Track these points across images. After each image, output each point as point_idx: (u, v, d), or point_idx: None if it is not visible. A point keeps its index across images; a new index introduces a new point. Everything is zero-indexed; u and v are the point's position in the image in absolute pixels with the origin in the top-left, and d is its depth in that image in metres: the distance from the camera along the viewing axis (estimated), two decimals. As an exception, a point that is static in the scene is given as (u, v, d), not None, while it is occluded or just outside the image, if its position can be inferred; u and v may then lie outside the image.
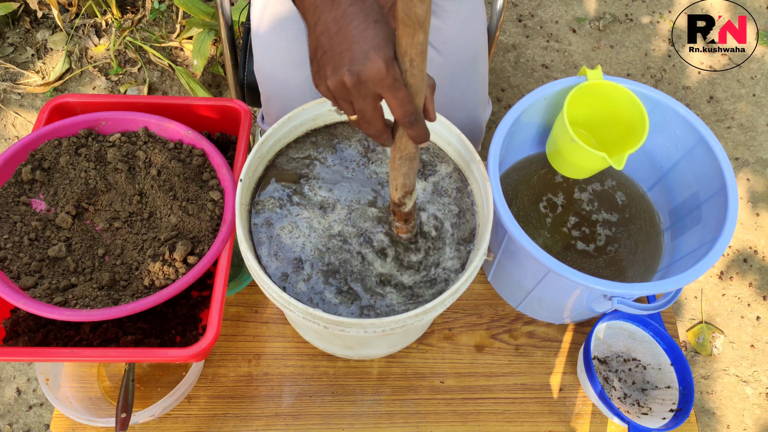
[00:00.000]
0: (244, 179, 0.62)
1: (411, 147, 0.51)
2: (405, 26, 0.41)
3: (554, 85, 0.75)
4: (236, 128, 0.74)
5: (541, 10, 1.91)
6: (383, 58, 0.44)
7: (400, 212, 0.58)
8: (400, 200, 0.56)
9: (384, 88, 0.45)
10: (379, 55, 0.44)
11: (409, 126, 0.47)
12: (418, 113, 0.47)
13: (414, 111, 0.46)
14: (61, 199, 0.65)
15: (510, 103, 1.71)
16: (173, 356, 0.58)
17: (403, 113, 0.46)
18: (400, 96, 0.45)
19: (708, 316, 1.45)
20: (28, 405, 1.28)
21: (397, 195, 0.56)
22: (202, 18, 1.57)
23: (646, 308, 0.68)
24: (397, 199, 0.56)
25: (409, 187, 0.55)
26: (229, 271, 0.63)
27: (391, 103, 0.46)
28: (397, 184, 0.55)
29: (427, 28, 0.41)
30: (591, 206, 0.82)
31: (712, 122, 1.73)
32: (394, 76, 0.44)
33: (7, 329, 0.63)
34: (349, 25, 0.45)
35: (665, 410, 0.71)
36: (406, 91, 0.45)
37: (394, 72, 0.44)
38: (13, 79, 1.68)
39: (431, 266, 0.62)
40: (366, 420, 0.75)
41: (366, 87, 0.45)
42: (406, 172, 0.53)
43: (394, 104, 0.46)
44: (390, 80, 0.44)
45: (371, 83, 0.45)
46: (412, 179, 0.55)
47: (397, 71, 0.44)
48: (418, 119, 0.47)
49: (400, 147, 0.51)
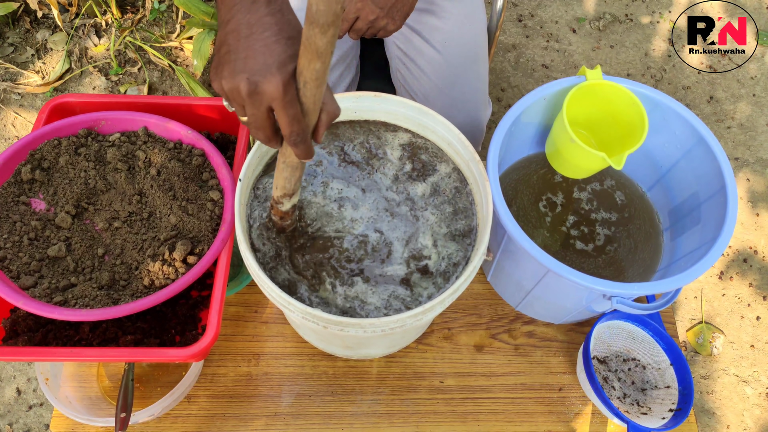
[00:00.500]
0: (244, 179, 0.62)
1: (294, 158, 0.53)
2: (305, 50, 0.42)
3: (554, 85, 0.75)
4: (236, 128, 0.74)
5: (541, 10, 1.91)
6: (283, 76, 0.45)
7: (277, 209, 0.60)
8: (278, 199, 0.59)
9: (277, 104, 0.46)
10: (281, 71, 0.45)
11: (294, 144, 0.49)
12: (305, 133, 0.48)
13: (300, 131, 0.47)
14: (61, 199, 0.65)
15: (510, 103, 1.71)
16: (173, 356, 0.58)
17: (290, 132, 0.47)
18: (291, 114, 0.46)
19: (708, 316, 1.45)
20: (28, 405, 1.29)
21: (277, 193, 0.58)
22: (202, 18, 1.57)
23: (645, 308, 0.68)
24: (276, 197, 0.59)
25: (288, 190, 0.57)
26: (228, 271, 0.63)
27: (281, 119, 0.47)
28: (277, 184, 0.57)
29: (326, 59, 0.43)
30: (590, 206, 0.82)
31: (712, 122, 1.73)
32: (290, 95, 0.45)
33: (7, 329, 0.63)
34: (261, 34, 0.46)
35: (665, 410, 0.71)
36: (297, 111, 0.46)
37: (290, 92, 0.45)
38: (13, 79, 1.68)
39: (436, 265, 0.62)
40: (366, 420, 0.75)
41: (260, 98, 0.46)
42: (287, 176, 0.55)
43: (284, 122, 0.47)
44: (286, 99, 0.45)
45: (266, 96, 0.46)
46: (292, 184, 0.57)
47: (294, 92, 0.45)
48: (304, 139, 0.48)
49: (285, 153, 0.53)
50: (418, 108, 0.68)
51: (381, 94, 0.68)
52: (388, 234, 0.64)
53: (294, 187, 0.57)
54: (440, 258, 0.63)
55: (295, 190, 0.58)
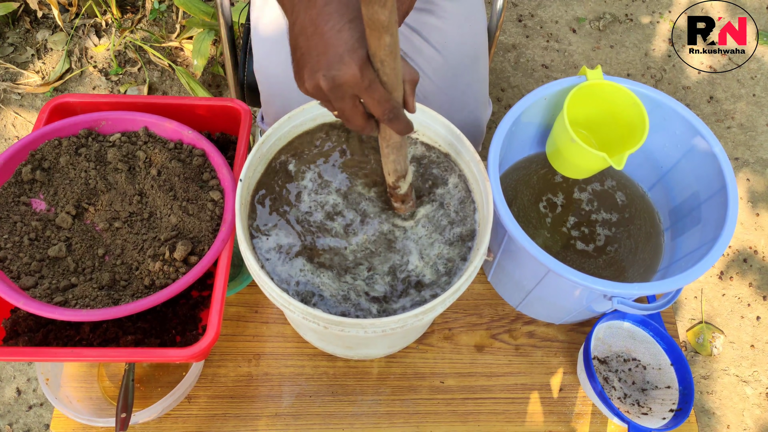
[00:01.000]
0: (244, 179, 0.62)
1: (396, 137, 0.52)
2: (371, 30, 0.42)
3: (554, 85, 0.75)
4: (236, 128, 0.74)
5: (541, 10, 1.91)
6: (357, 61, 0.44)
7: (396, 194, 0.60)
8: (394, 184, 0.59)
9: (360, 90, 0.46)
10: (353, 58, 0.44)
11: (389, 122, 0.48)
12: (397, 109, 0.48)
13: (391, 108, 0.47)
14: (61, 199, 0.65)
15: (510, 103, 1.71)
16: (173, 356, 0.58)
17: (382, 111, 0.47)
18: (377, 96, 0.46)
19: (708, 316, 1.45)
20: (28, 405, 1.29)
21: (391, 179, 0.58)
22: (202, 18, 1.57)
23: (646, 308, 0.68)
24: (392, 182, 0.59)
25: (400, 171, 0.57)
26: (229, 271, 0.63)
27: (369, 103, 0.47)
28: (388, 170, 0.57)
29: (393, 30, 0.42)
30: (591, 206, 0.82)
31: (712, 122, 1.73)
32: (369, 78, 0.45)
33: (7, 329, 0.63)
34: (324, 26, 0.46)
35: (665, 410, 0.71)
36: (382, 91, 0.46)
37: (368, 74, 0.45)
38: (13, 79, 1.68)
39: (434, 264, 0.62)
40: (366, 420, 0.75)
41: (342, 90, 0.46)
42: (395, 158, 0.55)
43: (372, 104, 0.47)
44: (365, 83, 0.45)
45: (347, 87, 0.46)
46: (402, 164, 0.56)
47: (372, 73, 0.45)
48: (398, 115, 0.48)
49: (385, 137, 0.53)
50: (417, 108, 0.68)
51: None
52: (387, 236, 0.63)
53: (405, 167, 0.57)
54: (440, 259, 0.63)
55: (407, 170, 0.58)
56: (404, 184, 0.59)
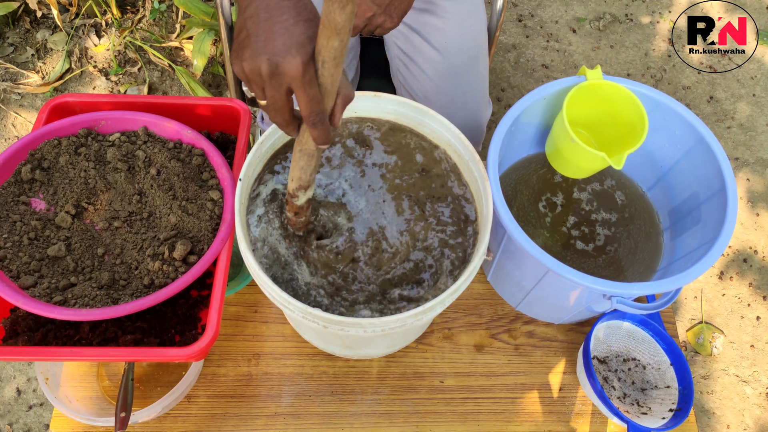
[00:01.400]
0: (244, 179, 0.62)
1: (312, 144, 0.52)
2: (324, 28, 0.43)
3: (554, 85, 0.75)
4: (236, 128, 0.74)
5: (541, 10, 1.91)
6: (303, 56, 0.45)
7: (292, 203, 0.59)
8: (294, 192, 0.58)
9: (297, 84, 0.46)
10: (300, 52, 0.45)
11: (312, 126, 0.49)
12: (324, 115, 0.48)
13: (319, 111, 0.48)
14: (61, 199, 0.65)
15: (510, 103, 1.71)
16: (172, 356, 0.58)
17: (309, 112, 0.48)
18: (311, 94, 0.47)
19: (708, 316, 1.45)
20: (28, 405, 1.29)
21: (292, 186, 0.57)
22: (202, 18, 1.57)
23: (645, 308, 0.68)
24: (291, 190, 0.58)
25: (303, 181, 0.56)
26: (228, 271, 0.63)
27: (301, 99, 0.47)
28: (293, 175, 0.56)
29: (344, 37, 0.43)
30: (590, 206, 0.82)
31: (712, 122, 1.73)
32: (309, 75, 0.46)
33: (7, 328, 0.63)
34: (279, 17, 0.47)
35: (665, 410, 0.71)
36: (316, 92, 0.47)
37: (309, 72, 0.46)
38: (13, 79, 1.68)
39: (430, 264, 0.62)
40: (366, 419, 0.75)
41: (280, 79, 0.47)
42: (303, 166, 0.55)
43: (303, 101, 0.47)
44: (305, 78, 0.46)
45: (286, 77, 0.46)
46: (308, 174, 0.56)
47: (313, 72, 0.46)
48: (323, 121, 0.49)
49: (302, 141, 0.53)
50: (418, 108, 0.68)
51: (381, 93, 0.68)
52: (388, 237, 0.63)
53: (309, 179, 0.56)
54: (440, 260, 0.63)
55: (311, 183, 0.57)
56: (303, 196, 0.58)
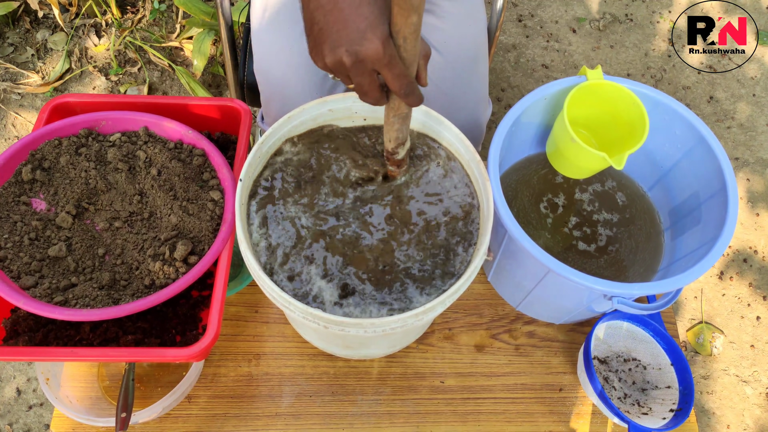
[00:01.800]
0: (244, 179, 0.62)
1: (404, 108, 0.55)
2: (400, 8, 0.44)
3: (554, 85, 0.75)
4: (236, 128, 0.74)
5: (541, 10, 1.91)
6: (380, 37, 0.45)
7: (393, 159, 0.63)
8: (393, 149, 0.61)
9: (381, 65, 0.47)
10: (375, 34, 0.45)
11: (405, 96, 0.50)
12: (413, 84, 0.50)
13: (408, 83, 0.49)
14: (62, 199, 0.65)
15: (510, 103, 1.71)
16: (173, 356, 0.58)
17: (399, 86, 0.49)
18: (397, 71, 0.47)
19: (708, 316, 1.45)
20: (28, 405, 1.28)
21: (391, 145, 0.61)
22: (202, 18, 1.57)
23: (646, 308, 0.68)
24: (391, 148, 0.61)
25: (401, 139, 0.60)
26: (229, 271, 0.63)
27: (388, 77, 0.48)
28: (390, 137, 0.59)
29: (421, 11, 0.44)
30: (592, 206, 0.82)
31: (712, 122, 1.73)
32: (390, 53, 0.46)
33: (7, 329, 0.63)
34: (342, 2, 0.46)
35: (665, 410, 0.71)
36: (401, 66, 0.48)
37: (390, 50, 0.46)
38: (13, 79, 1.68)
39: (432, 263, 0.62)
40: (366, 420, 0.75)
41: (363, 65, 0.47)
42: (399, 127, 0.58)
43: (391, 78, 0.48)
44: (387, 58, 0.46)
45: (369, 62, 0.47)
46: (404, 133, 0.59)
47: (392, 48, 0.46)
48: (413, 89, 0.50)
49: (393, 107, 0.55)
50: (417, 108, 0.68)
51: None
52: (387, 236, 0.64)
53: (406, 135, 0.60)
54: (440, 258, 0.63)
55: (407, 137, 0.61)
56: (402, 151, 0.62)
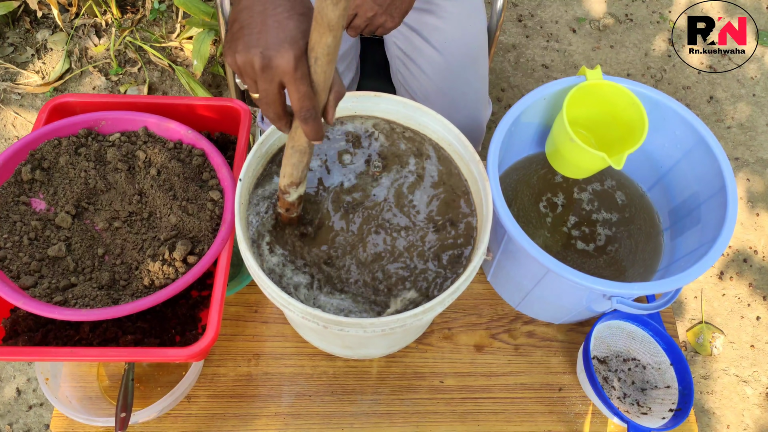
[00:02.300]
0: (244, 179, 0.62)
1: (303, 141, 0.53)
2: (317, 24, 0.43)
3: (554, 85, 0.75)
4: (236, 128, 0.74)
5: (541, 10, 1.91)
6: (295, 51, 0.45)
7: (284, 199, 0.59)
8: (285, 188, 0.58)
9: (288, 79, 0.46)
10: (293, 47, 0.45)
11: (304, 121, 0.49)
12: (316, 110, 0.49)
13: (311, 107, 0.48)
14: (61, 199, 0.65)
15: (510, 103, 1.71)
16: (173, 356, 0.58)
17: (300, 107, 0.48)
18: (302, 90, 0.47)
19: (708, 316, 1.45)
20: (28, 405, 1.29)
21: (284, 182, 0.57)
22: (202, 18, 1.57)
23: (645, 308, 0.68)
24: (283, 186, 0.58)
25: (295, 177, 0.56)
26: (228, 271, 0.63)
27: (292, 95, 0.47)
28: (285, 172, 0.56)
29: (337, 34, 0.43)
30: (591, 206, 0.82)
31: (712, 122, 1.73)
32: (301, 71, 0.46)
33: (7, 329, 0.63)
34: (273, 10, 0.47)
35: (665, 410, 0.71)
36: (308, 88, 0.47)
37: (302, 67, 0.46)
38: (13, 79, 1.68)
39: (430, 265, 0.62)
40: (366, 420, 0.75)
41: (272, 73, 0.47)
42: (295, 162, 0.55)
43: (295, 97, 0.47)
44: (297, 74, 0.46)
45: (278, 71, 0.46)
46: (300, 171, 0.56)
47: (305, 68, 0.46)
48: (315, 116, 0.49)
49: (294, 137, 0.53)
50: (417, 108, 0.68)
51: (381, 93, 0.68)
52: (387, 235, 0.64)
53: (301, 176, 0.57)
54: (440, 258, 0.63)
55: (302, 179, 0.57)
56: (294, 193, 0.58)
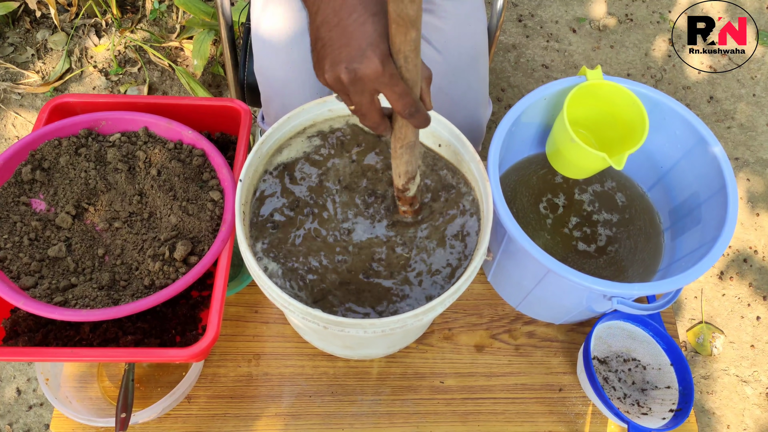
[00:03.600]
0: (244, 179, 0.62)
1: (411, 136, 0.53)
2: (397, 26, 0.42)
3: (554, 85, 0.75)
4: (236, 128, 0.74)
5: (541, 10, 1.91)
6: (379, 56, 0.45)
7: (405, 197, 0.60)
8: (404, 186, 0.58)
9: (381, 84, 0.46)
10: (375, 53, 0.45)
11: (410, 116, 0.49)
12: (417, 104, 0.49)
13: (413, 102, 0.48)
14: (61, 199, 0.65)
15: (510, 103, 1.71)
16: (173, 356, 0.58)
17: (403, 106, 0.48)
18: (398, 90, 0.46)
19: (708, 316, 1.45)
20: (28, 405, 1.28)
21: (401, 181, 0.58)
22: (202, 18, 1.57)
23: (645, 308, 0.68)
24: (401, 185, 0.58)
25: (411, 173, 0.57)
26: (229, 271, 0.63)
27: (390, 97, 0.47)
28: (399, 171, 0.57)
29: (419, 25, 0.43)
30: (591, 207, 0.82)
31: (712, 122, 1.73)
32: (390, 72, 0.45)
33: (7, 329, 0.63)
34: (347, 18, 0.46)
35: (665, 410, 0.71)
36: (403, 86, 0.47)
37: (390, 69, 0.45)
38: (13, 79, 1.68)
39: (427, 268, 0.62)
40: (366, 420, 0.75)
41: (362, 84, 0.46)
42: (408, 159, 0.55)
43: (393, 98, 0.47)
44: (387, 78, 0.45)
45: (368, 81, 0.46)
46: (414, 166, 0.57)
47: (393, 68, 0.46)
48: (419, 109, 0.49)
49: (400, 137, 0.53)
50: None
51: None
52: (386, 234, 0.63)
53: (415, 168, 0.57)
54: (440, 259, 0.63)
55: (416, 171, 0.58)
56: (413, 186, 0.59)
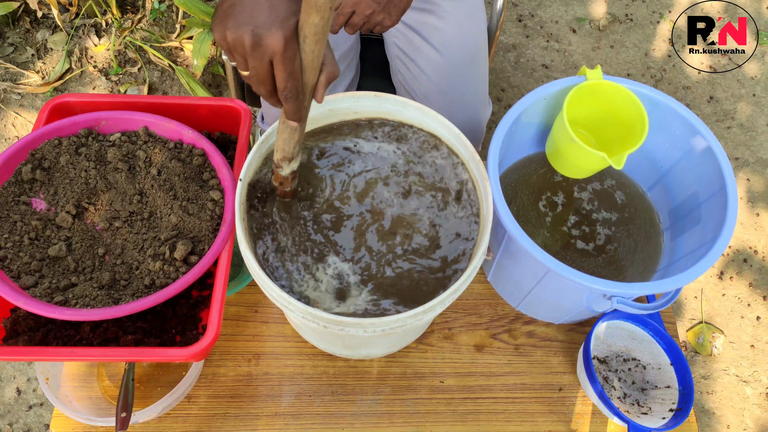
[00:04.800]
0: (244, 179, 0.62)
1: None
2: (306, 4, 0.44)
3: (554, 85, 0.75)
4: (236, 128, 0.74)
5: (541, 10, 1.91)
6: (286, 31, 0.46)
7: (277, 174, 0.61)
8: (278, 162, 0.59)
9: (277, 58, 0.47)
10: (283, 27, 0.46)
11: (285, 100, 0.50)
12: (298, 91, 0.50)
13: (294, 87, 0.49)
14: (62, 199, 0.65)
15: (510, 103, 1.71)
16: (173, 356, 0.58)
17: (283, 87, 0.49)
18: (287, 70, 0.48)
19: (708, 316, 1.45)
20: (28, 405, 1.29)
21: (277, 156, 0.58)
22: (202, 18, 1.57)
23: (645, 308, 0.68)
24: (276, 160, 0.59)
25: (287, 153, 0.57)
26: (229, 271, 0.63)
27: (278, 74, 0.48)
28: (278, 146, 0.58)
29: (324, 14, 0.44)
30: (591, 206, 0.82)
31: (712, 122, 1.73)
32: (291, 50, 0.47)
33: (7, 328, 0.63)
34: None
35: (665, 410, 0.71)
36: (294, 69, 0.48)
37: (291, 48, 0.47)
38: (13, 79, 1.68)
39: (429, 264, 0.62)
40: (366, 420, 0.75)
41: (263, 51, 0.47)
42: (286, 138, 0.56)
43: (280, 76, 0.48)
44: (286, 54, 0.47)
45: (268, 50, 0.47)
46: (291, 147, 0.57)
47: (295, 48, 0.47)
48: (296, 96, 0.50)
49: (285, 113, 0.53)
50: (418, 108, 0.68)
51: (381, 93, 0.68)
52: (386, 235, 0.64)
53: (293, 151, 0.57)
54: (440, 258, 0.63)
55: (294, 155, 0.58)
56: (287, 168, 0.59)
